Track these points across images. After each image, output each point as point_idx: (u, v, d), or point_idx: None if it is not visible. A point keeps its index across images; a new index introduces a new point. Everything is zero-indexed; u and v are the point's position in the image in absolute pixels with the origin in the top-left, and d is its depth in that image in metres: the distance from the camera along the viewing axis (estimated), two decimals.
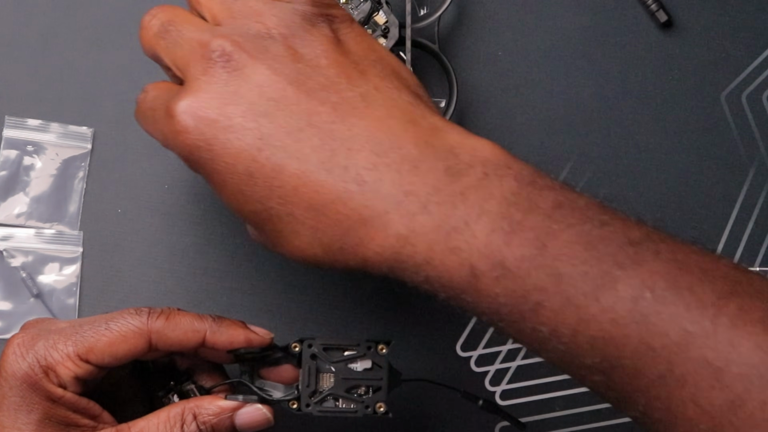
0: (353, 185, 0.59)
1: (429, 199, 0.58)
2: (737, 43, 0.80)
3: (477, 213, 0.58)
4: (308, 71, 0.61)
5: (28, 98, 0.79)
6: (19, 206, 0.78)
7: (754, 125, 0.80)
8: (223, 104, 0.61)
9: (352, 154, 0.60)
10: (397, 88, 0.62)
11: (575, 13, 0.80)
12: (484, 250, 0.57)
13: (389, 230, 0.59)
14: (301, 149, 0.60)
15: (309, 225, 0.60)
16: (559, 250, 0.57)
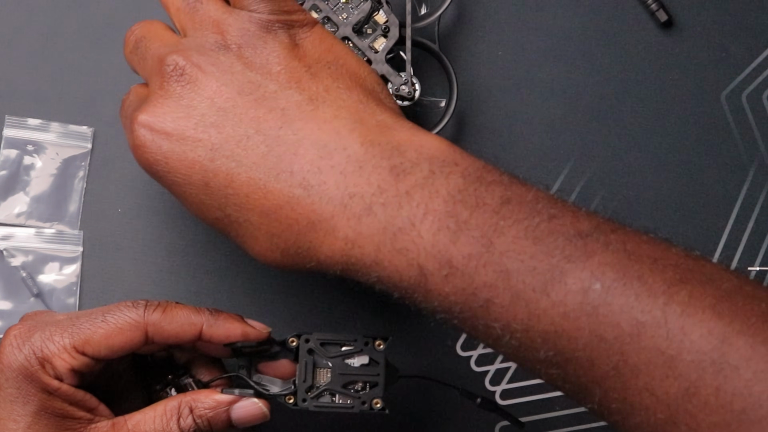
0: (299, 190, 0.60)
1: (374, 200, 0.59)
2: (737, 43, 0.80)
3: (422, 212, 0.58)
4: (259, 79, 0.63)
5: (28, 98, 0.79)
6: (19, 206, 0.78)
7: (754, 125, 0.80)
8: (176, 118, 0.63)
9: (297, 158, 0.61)
10: (349, 88, 0.64)
11: (575, 13, 0.80)
12: (431, 250, 0.58)
13: (337, 233, 0.60)
14: (250, 157, 0.61)
15: (265, 230, 0.62)
16: (506, 246, 0.57)
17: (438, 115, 0.78)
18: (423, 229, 0.58)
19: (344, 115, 0.62)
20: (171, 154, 0.63)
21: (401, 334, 0.77)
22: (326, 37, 0.66)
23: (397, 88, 0.75)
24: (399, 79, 0.75)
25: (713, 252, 0.79)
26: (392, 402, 0.68)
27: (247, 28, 0.64)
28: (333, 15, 0.75)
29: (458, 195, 0.59)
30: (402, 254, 0.58)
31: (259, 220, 0.62)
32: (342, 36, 0.75)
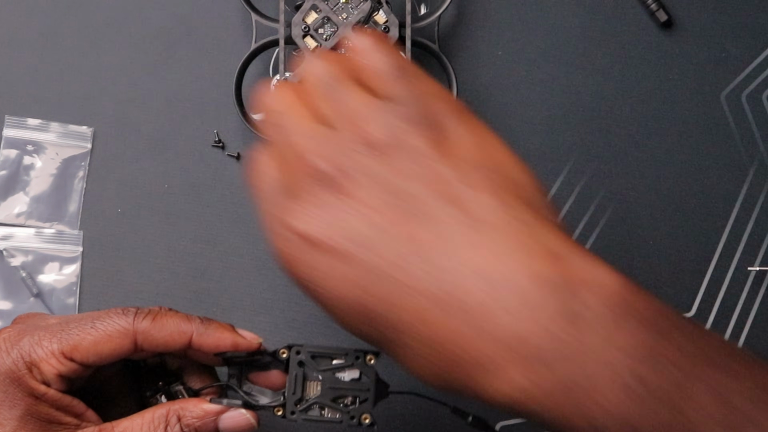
0: (466, 327, 0.56)
1: (547, 349, 0.55)
2: (737, 43, 0.80)
3: (602, 369, 0.54)
4: (411, 191, 0.58)
5: (28, 98, 0.79)
6: (19, 206, 0.78)
7: (754, 125, 0.80)
8: (331, 231, 0.58)
9: (461, 292, 0.56)
10: (511, 205, 0.58)
11: (575, 13, 0.80)
12: (613, 412, 0.54)
13: (504, 377, 0.56)
14: (410, 282, 0.57)
15: (425, 357, 0.58)
16: (696, 413, 0.54)
17: None
18: (603, 388, 0.54)
19: (509, 241, 0.57)
20: (327, 270, 0.58)
21: None
22: (475, 129, 0.61)
23: None
24: None
25: (713, 252, 0.79)
26: (381, 417, 0.68)
27: (395, 125, 0.58)
28: (333, 15, 0.75)
29: (640, 349, 0.55)
30: (578, 409, 0.55)
31: (419, 347, 0.57)
32: (342, 36, 0.75)
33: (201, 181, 0.79)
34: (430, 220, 0.57)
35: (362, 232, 0.58)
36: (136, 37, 0.80)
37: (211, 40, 0.80)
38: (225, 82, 0.78)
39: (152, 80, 0.79)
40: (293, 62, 0.76)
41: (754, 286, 0.79)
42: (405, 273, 0.57)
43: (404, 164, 0.58)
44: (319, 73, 0.61)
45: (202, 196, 0.79)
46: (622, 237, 0.79)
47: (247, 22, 0.78)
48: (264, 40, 0.77)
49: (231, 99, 0.76)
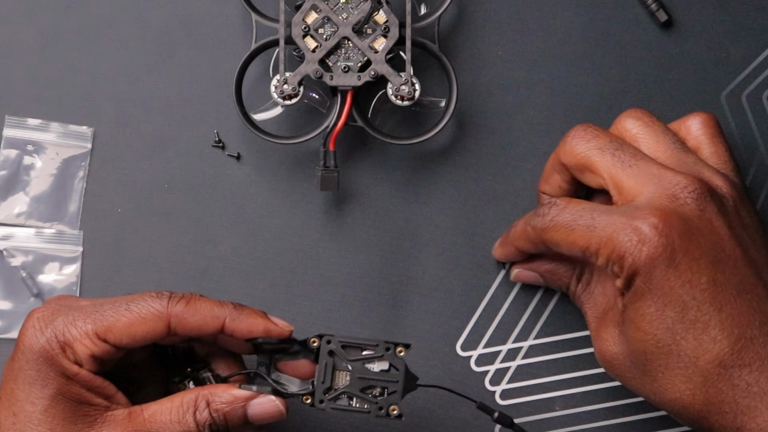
0: (758, 361, 0.64)
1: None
2: (737, 43, 0.80)
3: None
4: (749, 241, 0.67)
5: (28, 98, 0.79)
6: (19, 206, 0.78)
7: (754, 125, 0.80)
8: (686, 234, 0.65)
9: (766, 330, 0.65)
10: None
11: (575, 13, 0.80)
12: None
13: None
14: (735, 309, 0.65)
15: (705, 377, 0.65)
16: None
17: (438, 115, 0.78)
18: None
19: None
20: (673, 259, 0.65)
21: (401, 335, 0.77)
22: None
23: (397, 88, 0.75)
24: (399, 80, 0.75)
25: None
26: (407, 410, 0.68)
27: (735, 184, 0.70)
28: (333, 15, 0.75)
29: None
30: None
31: (706, 366, 0.65)
32: (342, 36, 0.75)
33: (201, 181, 0.79)
34: (760, 270, 0.68)
35: (715, 254, 0.67)
36: (136, 37, 0.80)
37: (211, 40, 0.80)
38: (225, 82, 0.78)
39: (152, 80, 0.79)
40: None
41: None
42: (732, 299, 0.66)
43: (746, 219, 0.69)
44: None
45: (202, 196, 0.79)
46: None
47: (247, 22, 0.78)
48: (264, 40, 0.77)
49: (231, 99, 0.76)
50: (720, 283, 0.65)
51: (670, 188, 0.66)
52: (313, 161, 0.78)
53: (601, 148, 0.70)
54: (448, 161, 0.79)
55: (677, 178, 0.67)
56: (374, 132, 0.77)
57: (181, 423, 0.65)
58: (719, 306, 0.65)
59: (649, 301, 0.65)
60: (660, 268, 0.65)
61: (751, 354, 0.64)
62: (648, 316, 0.65)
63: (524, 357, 0.78)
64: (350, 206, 0.79)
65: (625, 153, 0.69)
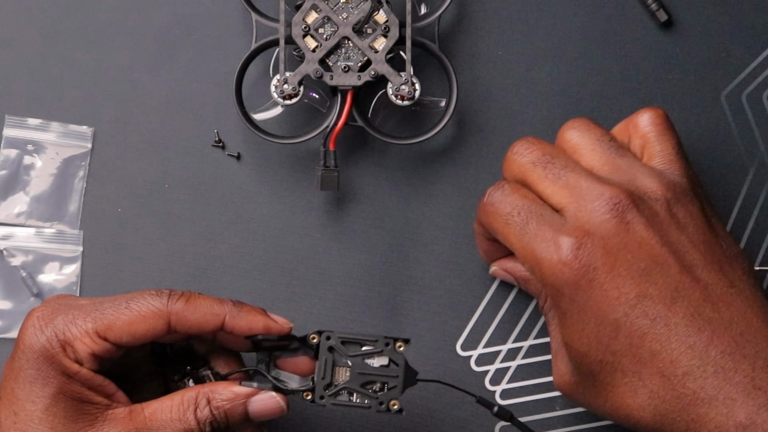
0: (710, 367, 0.62)
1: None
2: (737, 43, 0.80)
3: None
4: (685, 243, 0.65)
5: (28, 98, 0.79)
6: (20, 205, 0.78)
7: (754, 125, 0.80)
8: (608, 252, 0.64)
9: (714, 336, 0.63)
10: (756, 286, 0.65)
11: (575, 13, 0.80)
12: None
13: (731, 416, 0.62)
14: (671, 319, 0.63)
15: (650, 389, 0.64)
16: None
17: (438, 115, 0.78)
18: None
19: (756, 310, 0.64)
20: (594, 284, 0.64)
21: (401, 334, 0.77)
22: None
23: (397, 88, 0.75)
24: (399, 79, 0.75)
25: None
26: (407, 405, 0.68)
27: (674, 185, 0.67)
28: (333, 15, 0.75)
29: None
30: None
31: (650, 379, 0.63)
32: (342, 36, 0.75)
33: (201, 181, 0.79)
34: (700, 274, 0.65)
35: (640, 263, 0.66)
36: (136, 37, 0.80)
37: (211, 40, 0.80)
38: (225, 82, 0.78)
39: (152, 80, 0.79)
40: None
41: None
42: (668, 307, 0.64)
43: (682, 220, 0.66)
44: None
45: (202, 196, 0.79)
46: None
47: (247, 22, 0.78)
48: (264, 40, 0.77)
49: (231, 99, 0.76)
50: (651, 296, 0.63)
51: (594, 203, 0.65)
52: (313, 161, 0.78)
53: (533, 162, 0.68)
54: (448, 161, 0.79)
55: (602, 190, 0.65)
56: (374, 132, 0.77)
57: (181, 420, 0.65)
58: (653, 318, 0.63)
59: (579, 323, 0.64)
60: (583, 290, 0.64)
61: (692, 362, 0.63)
62: (584, 338, 0.64)
63: (524, 357, 0.78)
64: (350, 206, 0.79)
65: (555, 165, 0.67)
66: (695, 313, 0.63)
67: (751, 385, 0.62)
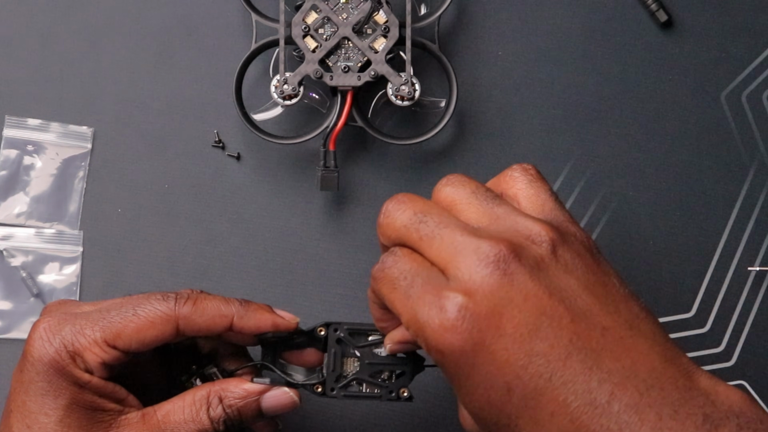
0: (614, 425, 0.57)
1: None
2: (737, 43, 0.80)
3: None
4: (575, 287, 0.59)
5: (28, 98, 0.79)
6: (19, 206, 0.78)
7: (754, 125, 0.80)
8: (494, 311, 0.58)
9: (616, 389, 0.57)
10: (654, 323, 0.60)
11: (575, 13, 0.80)
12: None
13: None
14: (567, 375, 0.57)
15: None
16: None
17: (438, 115, 0.78)
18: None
19: (657, 350, 0.58)
20: (481, 347, 0.58)
21: None
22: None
23: (397, 88, 0.75)
24: (399, 80, 0.75)
25: (713, 252, 0.79)
26: (415, 391, 0.68)
27: (550, 229, 0.60)
28: (333, 15, 0.75)
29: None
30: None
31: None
32: (342, 36, 0.75)
33: (201, 181, 0.79)
34: (595, 320, 0.58)
35: (529, 319, 0.59)
36: (136, 37, 0.80)
37: (211, 40, 0.80)
38: (225, 82, 0.78)
39: (152, 80, 0.79)
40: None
41: (754, 286, 0.79)
42: (563, 363, 0.58)
43: (570, 262, 0.60)
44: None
45: (202, 196, 0.79)
46: (622, 237, 0.79)
47: (247, 22, 0.78)
48: (264, 40, 0.77)
49: (231, 99, 0.76)
50: (543, 353, 0.57)
51: (472, 258, 0.59)
52: (313, 161, 0.78)
53: (405, 224, 0.62)
54: (448, 161, 0.79)
55: (479, 244, 0.59)
56: (374, 132, 0.77)
57: (195, 421, 0.65)
58: (548, 377, 0.57)
59: (470, 387, 0.59)
60: (469, 356, 0.58)
61: (593, 420, 0.57)
62: (475, 401, 0.59)
63: None
64: (350, 206, 0.79)
65: (428, 224, 0.61)
66: (594, 365, 0.57)
67: (659, 427, 0.56)
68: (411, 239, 0.61)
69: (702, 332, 0.78)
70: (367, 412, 0.76)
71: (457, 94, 0.77)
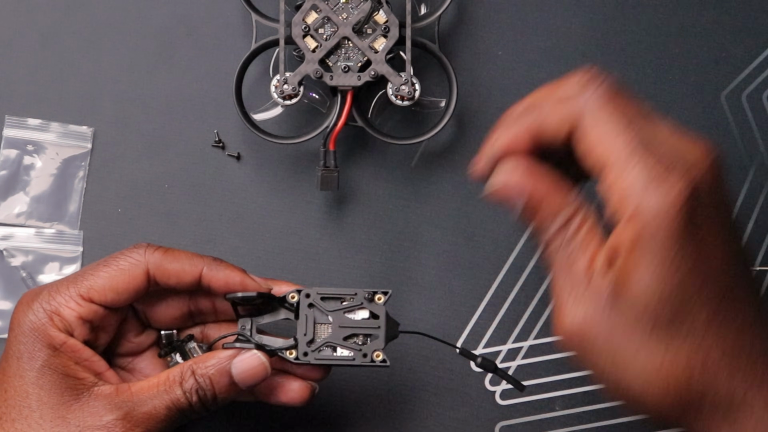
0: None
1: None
2: (737, 43, 0.80)
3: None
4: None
5: (28, 98, 0.79)
6: (19, 206, 0.78)
7: (754, 125, 0.80)
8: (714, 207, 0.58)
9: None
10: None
11: (575, 13, 0.80)
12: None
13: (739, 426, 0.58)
14: (736, 294, 0.58)
15: (704, 358, 0.58)
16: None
17: (438, 115, 0.78)
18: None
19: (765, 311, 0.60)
20: (702, 228, 0.57)
21: (401, 335, 0.77)
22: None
23: (397, 88, 0.75)
24: (399, 80, 0.75)
25: None
26: (390, 358, 0.68)
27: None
28: (333, 15, 0.75)
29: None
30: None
31: (713, 350, 0.58)
32: (342, 36, 0.75)
33: (201, 181, 0.79)
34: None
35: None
36: (136, 37, 0.80)
37: (211, 40, 0.80)
38: (225, 82, 0.78)
39: (152, 80, 0.79)
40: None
41: None
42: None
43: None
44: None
45: (202, 196, 0.79)
46: None
47: (247, 22, 0.78)
48: (264, 40, 0.77)
49: (231, 99, 0.76)
50: (730, 263, 0.58)
51: (704, 154, 0.58)
52: (313, 161, 0.78)
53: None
54: (448, 161, 0.79)
55: (704, 145, 0.59)
56: (374, 132, 0.77)
57: (168, 392, 0.66)
58: (730, 289, 0.58)
59: (664, 269, 0.57)
60: (687, 235, 0.57)
61: (759, 342, 0.58)
62: (664, 287, 0.57)
63: (524, 357, 0.78)
64: (350, 206, 0.79)
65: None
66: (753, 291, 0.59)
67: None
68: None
69: None
70: (360, 413, 0.76)
71: (457, 94, 0.77)
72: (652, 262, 0.57)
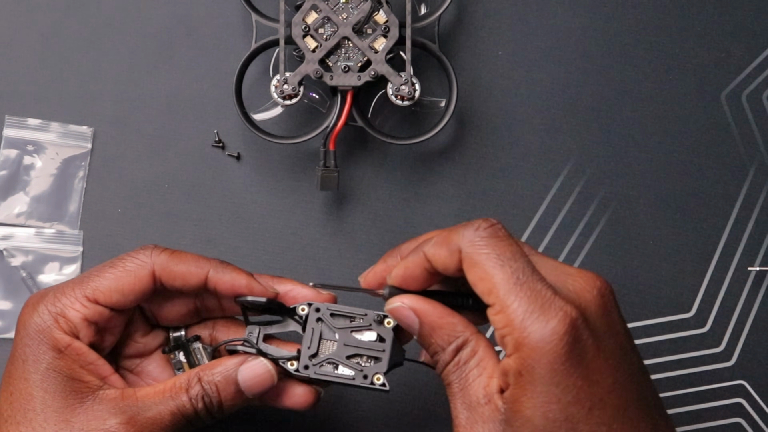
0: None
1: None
2: (737, 43, 0.80)
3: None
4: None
5: (28, 98, 0.79)
6: (20, 206, 0.78)
7: (754, 125, 0.80)
8: (596, 334, 0.61)
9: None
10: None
11: (575, 13, 0.80)
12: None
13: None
14: (632, 415, 0.61)
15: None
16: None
17: (438, 115, 0.78)
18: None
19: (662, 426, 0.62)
20: (586, 357, 0.60)
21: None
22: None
23: (397, 88, 0.75)
24: (399, 79, 0.75)
25: (713, 252, 0.79)
26: (393, 385, 0.68)
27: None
28: (333, 15, 0.75)
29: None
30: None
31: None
32: (342, 36, 0.75)
33: (201, 181, 0.79)
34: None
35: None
36: (136, 37, 0.80)
37: (211, 40, 0.80)
38: (225, 82, 0.78)
39: (152, 80, 0.79)
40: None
41: (754, 286, 0.79)
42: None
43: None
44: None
45: (202, 196, 0.79)
46: (622, 237, 0.79)
47: (247, 22, 0.78)
48: (264, 40, 0.77)
49: (231, 99, 0.76)
50: (622, 385, 0.60)
51: (589, 284, 0.61)
52: (313, 161, 0.78)
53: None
54: (448, 161, 0.79)
55: (589, 274, 0.62)
56: (374, 132, 0.77)
57: (174, 398, 0.66)
58: (623, 410, 0.60)
59: (550, 396, 0.59)
60: (570, 362, 0.59)
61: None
62: (551, 412, 0.59)
63: None
64: (350, 206, 0.79)
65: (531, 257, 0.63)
66: (654, 414, 0.62)
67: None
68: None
69: (702, 332, 0.78)
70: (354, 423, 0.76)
71: (457, 94, 0.77)
72: (536, 391, 0.60)
